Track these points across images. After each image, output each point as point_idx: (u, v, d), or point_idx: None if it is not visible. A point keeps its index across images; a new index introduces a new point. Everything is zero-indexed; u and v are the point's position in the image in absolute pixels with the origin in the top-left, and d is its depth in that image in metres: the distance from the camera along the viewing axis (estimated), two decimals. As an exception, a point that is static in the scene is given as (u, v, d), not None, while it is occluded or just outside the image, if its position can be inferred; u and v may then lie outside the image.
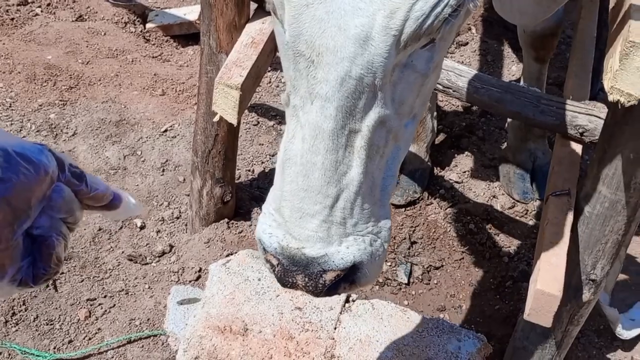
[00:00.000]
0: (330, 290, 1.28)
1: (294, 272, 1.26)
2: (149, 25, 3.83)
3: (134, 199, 1.10)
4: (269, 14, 2.40)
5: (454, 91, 2.24)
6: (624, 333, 2.50)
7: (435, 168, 3.12)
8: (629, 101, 1.52)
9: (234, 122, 2.22)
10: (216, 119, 2.28)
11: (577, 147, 2.16)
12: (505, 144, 3.17)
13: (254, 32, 2.35)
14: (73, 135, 3.10)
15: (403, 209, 2.95)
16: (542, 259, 1.89)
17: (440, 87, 2.26)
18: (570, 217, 1.98)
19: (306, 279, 1.26)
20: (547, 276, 1.84)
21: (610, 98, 1.52)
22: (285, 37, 1.20)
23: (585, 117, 2.13)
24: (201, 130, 2.59)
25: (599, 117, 2.11)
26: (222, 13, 2.34)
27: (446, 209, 2.95)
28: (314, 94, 1.18)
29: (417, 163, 3.01)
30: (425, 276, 2.73)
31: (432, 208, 2.95)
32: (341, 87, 1.16)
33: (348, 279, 1.29)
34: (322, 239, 1.24)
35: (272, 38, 2.38)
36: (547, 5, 2.35)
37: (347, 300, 2.33)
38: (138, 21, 3.85)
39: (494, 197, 3.04)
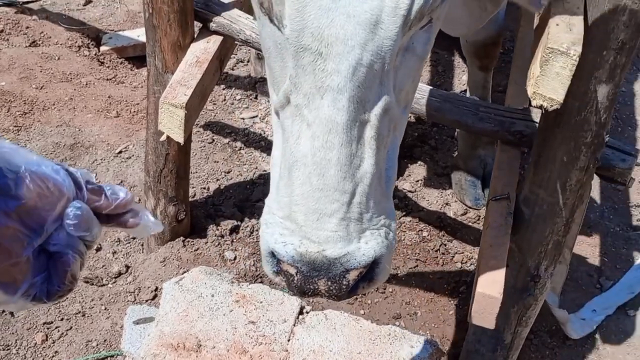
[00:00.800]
0: (351, 292, 1.25)
1: (316, 277, 1.22)
2: (103, 48, 3.84)
3: (152, 216, 1.11)
4: (213, 33, 2.44)
5: (395, 102, 2.29)
6: (574, 333, 2.55)
7: (388, 178, 3.16)
8: (551, 106, 1.57)
9: (181, 140, 2.25)
10: (163, 138, 2.31)
11: (517, 152, 2.21)
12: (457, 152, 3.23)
13: (199, 52, 2.39)
14: (27, 160, 3.10)
15: (358, 220, 2.98)
16: (482, 263, 1.93)
17: (382, 98, 2.31)
18: (510, 221, 2.03)
19: (329, 283, 1.22)
20: (487, 279, 1.89)
21: (534, 103, 1.57)
22: (283, 34, 1.18)
23: (522, 122, 2.18)
24: (152, 150, 2.61)
25: (536, 122, 2.17)
26: (166, 34, 2.37)
27: (400, 218, 3.00)
28: (323, 87, 1.15)
29: (370, 174, 3.05)
30: (381, 285, 2.76)
31: (387, 218, 2.99)
32: (353, 77, 1.14)
33: (366, 277, 1.26)
34: (342, 237, 1.21)
35: (217, 57, 2.41)
36: (478, 16, 2.41)
37: (300, 312, 2.36)
38: (92, 44, 3.87)
39: (446, 204, 3.09)
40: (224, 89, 3.62)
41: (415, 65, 1.27)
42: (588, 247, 2.95)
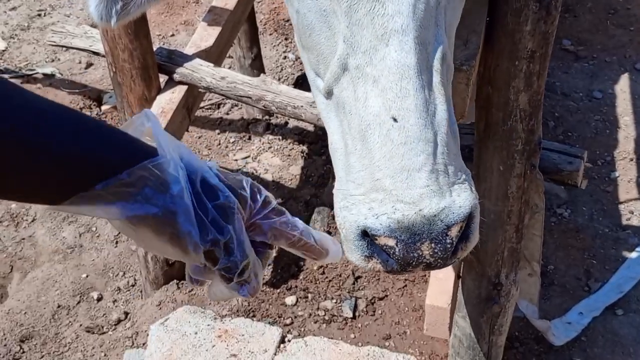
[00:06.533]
0: (452, 254, 1.18)
1: (418, 242, 1.14)
2: (104, 107, 4.02)
3: (334, 243, 1.10)
4: (178, 83, 2.57)
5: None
6: (557, 340, 2.56)
7: (376, 203, 3.23)
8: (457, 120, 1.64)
9: (150, 188, 2.37)
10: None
11: (470, 166, 2.26)
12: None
13: (164, 103, 2.52)
14: (32, 221, 3.27)
15: (348, 247, 3.05)
16: (431, 275, 2.00)
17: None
18: (460, 233, 2.08)
19: (432, 245, 1.14)
20: (435, 291, 1.95)
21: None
22: None
23: (470, 137, 2.24)
24: (135, 200, 2.74)
25: (483, 135, 2.23)
26: (131, 89, 2.51)
27: (388, 241, 3.06)
28: (387, 33, 1.13)
29: (355, 201, 3.13)
30: (370, 308, 2.83)
31: (375, 242, 3.06)
32: (414, 15, 1.13)
33: (462, 237, 1.20)
34: (436, 191, 1.14)
35: (182, 105, 2.54)
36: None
37: (282, 341, 2.44)
38: (94, 105, 4.05)
39: (435, 223, 3.14)
40: (218, 134, 3.75)
41: (458, 5, 1.26)
42: (576, 252, 2.97)
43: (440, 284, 1.96)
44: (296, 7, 1.26)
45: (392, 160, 1.13)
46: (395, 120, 1.14)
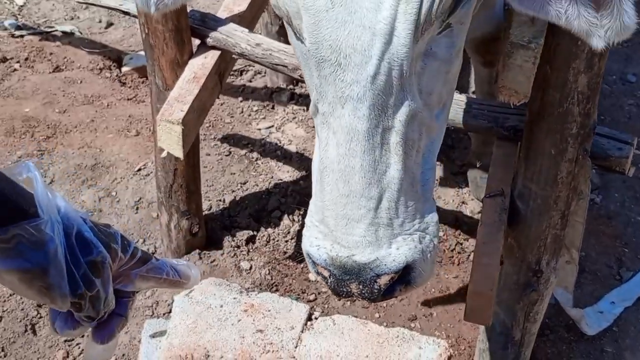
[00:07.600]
0: (386, 294, 1.29)
1: (347, 281, 1.27)
2: (124, 69, 3.93)
3: (193, 269, 1.26)
4: (211, 48, 2.48)
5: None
6: (590, 329, 2.51)
7: (403, 180, 3.16)
8: (518, 100, 1.57)
9: (181, 156, 2.30)
10: (164, 154, 2.36)
11: (513, 148, 2.19)
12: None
13: (196, 68, 2.43)
14: (50, 183, 3.20)
15: (374, 224, 2.99)
16: (475, 260, 1.93)
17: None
18: (504, 217, 2.01)
19: (360, 287, 1.26)
20: (479, 276, 1.88)
21: (500, 98, 1.57)
22: (304, 46, 1.22)
23: (516, 117, 2.16)
24: (160, 167, 2.67)
25: (530, 116, 2.15)
26: (163, 52, 2.42)
27: (415, 220, 2.99)
28: (343, 97, 1.18)
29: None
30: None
31: (402, 220, 2.99)
32: (372, 86, 1.17)
33: (402, 281, 1.29)
34: (371, 243, 1.24)
35: (215, 71, 2.45)
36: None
37: (309, 319, 2.37)
38: (114, 66, 3.96)
39: (463, 203, 3.07)
40: (241, 102, 3.66)
41: (442, 69, 1.27)
42: (608, 239, 2.90)
43: (484, 269, 1.89)
44: (290, 39, 1.34)
45: (337, 206, 1.24)
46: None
